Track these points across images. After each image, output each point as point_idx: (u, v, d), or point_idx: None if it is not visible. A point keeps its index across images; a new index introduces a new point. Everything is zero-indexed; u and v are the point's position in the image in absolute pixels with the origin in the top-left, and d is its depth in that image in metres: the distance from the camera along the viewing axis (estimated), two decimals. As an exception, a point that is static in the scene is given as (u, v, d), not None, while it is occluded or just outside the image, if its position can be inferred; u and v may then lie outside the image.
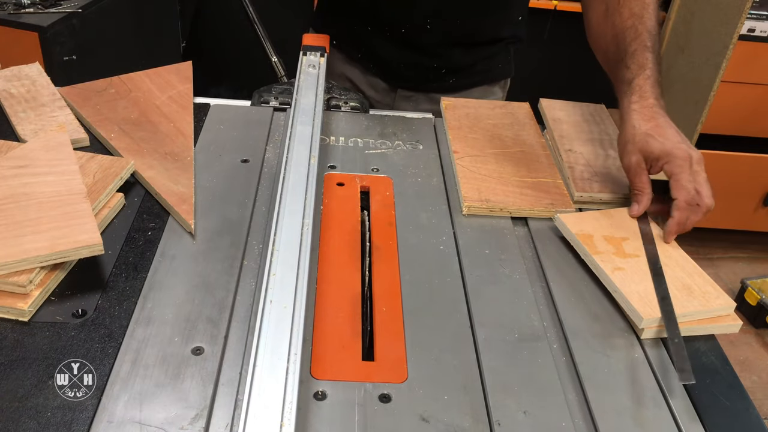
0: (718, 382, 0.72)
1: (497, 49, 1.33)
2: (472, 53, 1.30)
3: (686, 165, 0.87)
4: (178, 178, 0.92)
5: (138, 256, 0.80)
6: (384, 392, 0.66)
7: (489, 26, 1.28)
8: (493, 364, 0.71)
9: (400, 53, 1.29)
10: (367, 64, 1.34)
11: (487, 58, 1.33)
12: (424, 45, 1.27)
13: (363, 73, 1.35)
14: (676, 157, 0.87)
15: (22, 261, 0.71)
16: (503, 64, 1.36)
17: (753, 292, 2.39)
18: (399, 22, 1.26)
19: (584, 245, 0.85)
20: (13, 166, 0.84)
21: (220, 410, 0.63)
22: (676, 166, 0.87)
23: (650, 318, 0.75)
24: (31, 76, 1.12)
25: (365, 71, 1.35)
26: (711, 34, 1.43)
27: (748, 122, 2.52)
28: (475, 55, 1.31)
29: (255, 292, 0.77)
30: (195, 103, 1.11)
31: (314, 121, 0.98)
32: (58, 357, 0.66)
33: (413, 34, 1.26)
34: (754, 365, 2.28)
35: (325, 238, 0.86)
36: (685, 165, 0.87)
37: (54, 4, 1.95)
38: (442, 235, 0.90)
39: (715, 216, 0.95)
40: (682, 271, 0.83)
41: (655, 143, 0.89)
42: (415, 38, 1.26)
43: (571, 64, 2.72)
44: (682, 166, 0.87)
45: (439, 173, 1.03)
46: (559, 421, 0.66)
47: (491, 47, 1.32)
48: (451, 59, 1.29)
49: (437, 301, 0.79)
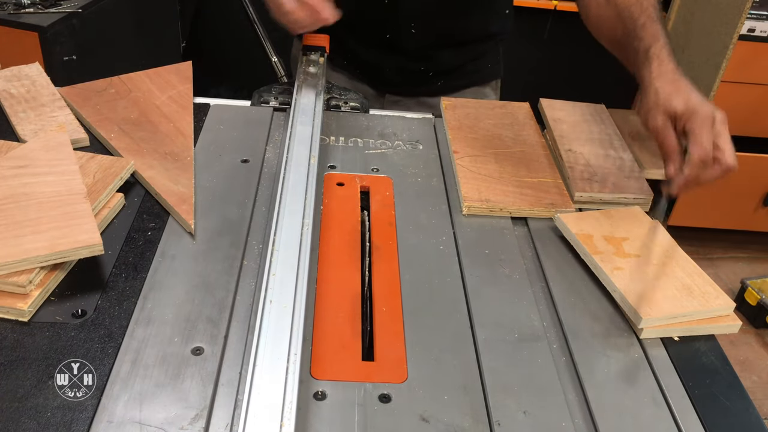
0: (718, 382, 0.72)
1: (486, 47, 1.32)
2: (461, 53, 1.29)
3: (707, 123, 0.84)
4: (178, 178, 0.92)
5: (138, 256, 0.80)
6: (384, 392, 0.66)
7: (476, 23, 1.26)
8: (493, 364, 0.71)
9: (385, 58, 1.28)
10: (353, 70, 1.33)
11: (476, 58, 1.32)
12: (410, 48, 1.25)
13: (350, 80, 1.34)
14: (698, 114, 0.84)
15: (22, 261, 0.71)
16: (492, 63, 1.35)
17: (753, 292, 2.39)
18: (383, 27, 1.25)
19: (584, 245, 0.85)
20: (13, 166, 0.84)
21: (219, 410, 0.63)
22: (696, 123, 0.84)
23: (649, 318, 0.75)
24: (31, 76, 1.12)
25: (351, 77, 1.34)
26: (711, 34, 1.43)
27: (748, 122, 2.52)
28: (463, 55, 1.29)
29: (255, 292, 0.77)
30: (195, 103, 1.11)
31: (314, 121, 0.98)
32: (58, 357, 0.66)
33: (398, 38, 1.25)
34: (754, 365, 2.28)
35: (325, 238, 0.86)
36: (707, 123, 0.84)
37: (54, 4, 1.95)
38: (442, 235, 0.90)
39: (715, 216, 0.95)
40: (682, 271, 0.83)
41: (679, 101, 0.86)
42: (400, 42, 1.25)
43: (571, 64, 2.72)
44: (703, 124, 0.84)
45: (439, 173, 1.03)
46: (559, 421, 0.66)
47: (480, 45, 1.31)
48: (439, 61, 1.28)
49: (437, 301, 0.79)
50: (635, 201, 0.97)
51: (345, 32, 1.28)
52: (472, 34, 1.28)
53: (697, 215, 2.63)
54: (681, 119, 0.86)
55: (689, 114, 0.85)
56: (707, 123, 0.84)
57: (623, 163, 1.03)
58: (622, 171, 1.01)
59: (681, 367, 0.74)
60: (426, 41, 1.25)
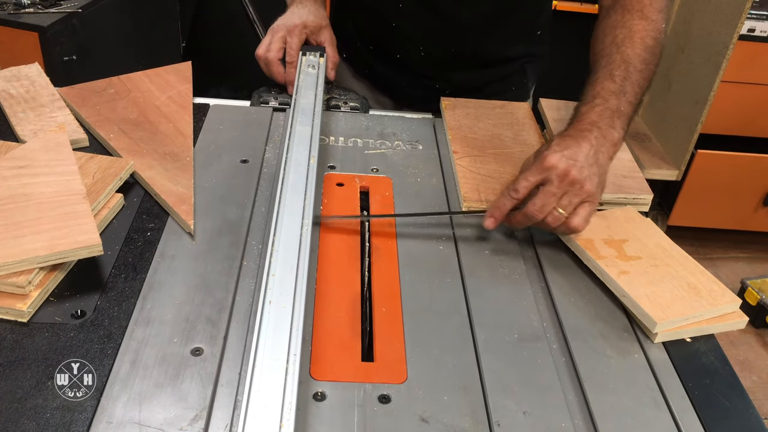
0: (718, 382, 0.72)
1: (509, 70, 1.27)
2: (478, 75, 1.25)
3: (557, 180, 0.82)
4: (177, 178, 0.92)
5: (137, 257, 0.80)
6: (383, 393, 0.66)
7: (490, 46, 1.22)
8: (493, 364, 0.71)
9: (401, 75, 1.27)
10: (375, 80, 1.32)
11: (497, 79, 1.27)
12: (420, 68, 1.24)
13: (371, 90, 1.32)
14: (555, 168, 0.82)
15: (22, 261, 0.71)
16: (518, 86, 1.29)
17: (753, 292, 2.39)
18: (394, 47, 1.24)
19: (587, 251, 0.85)
20: (12, 166, 0.84)
21: (219, 411, 0.63)
22: (552, 185, 0.83)
23: (664, 322, 0.75)
24: (31, 77, 1.12)
25: (373, 88, 1.33)
26: (711, 34, 1.43)
27: (748, 122, 2.52)
28: (481, 77, 1.26)
29: (254, 292, 0.77)
30: (194, 104, 1.11)
31: (314, 122, 0.98)
32: (57, 358, 0.66)
33: (409, 59, 1.24)
34: (754, 365, 2.28)
35: (325, 238, 0.86)
36: (556, 180, 0.82)
37: (54, 4, 1.95)
38: (442, 235, 0.89)
39: (715, 216, 0.95)
40: (685, 270, 0.83)
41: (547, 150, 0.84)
42: (412, 63, 1.24)
43: (571, 64, 2.72)
44: (553, 180, 0.83)
45: (439, 173, 1.03)
46: (559, 421, 0.65)
47: (501, 68, 1.26)
48: (454, 81, 1.25)
49: (437, 302, 0.79)
50: (635, 201, 0.97)
51: (363, 45, 1.27)
52: (485, 57, 1.24)
53: (697, 215, 2.63)
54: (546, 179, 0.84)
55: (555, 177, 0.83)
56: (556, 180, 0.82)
57: (623, 163, 1.03)
58: (622, 171, 1.01)
59: (681, 367, 0.73)
60: (436, 62, 1.23)
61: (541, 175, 0.83)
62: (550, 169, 0.83)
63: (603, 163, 0.86)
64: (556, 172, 0.82)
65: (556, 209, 0.83)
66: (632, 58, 0.93)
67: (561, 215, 0.83)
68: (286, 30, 1.16)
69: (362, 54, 1.30)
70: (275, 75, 1.16)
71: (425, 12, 1.17)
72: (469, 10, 1.16)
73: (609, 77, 0.92)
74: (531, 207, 0.83)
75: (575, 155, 0.83)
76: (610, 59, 0.94)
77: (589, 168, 0.83)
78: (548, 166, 0.83)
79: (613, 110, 0.89)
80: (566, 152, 0.83)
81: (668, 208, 2.63)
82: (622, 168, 1.02)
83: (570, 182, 0.82)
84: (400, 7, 1.18)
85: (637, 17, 0.97)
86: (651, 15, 0.98)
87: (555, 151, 0.84)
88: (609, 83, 0.91)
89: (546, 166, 0.83)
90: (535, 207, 0.83)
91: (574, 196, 0.83)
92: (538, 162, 0.84)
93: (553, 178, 0.83)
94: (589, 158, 0.84)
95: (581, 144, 0.85)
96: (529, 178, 0.84)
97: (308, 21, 1.18)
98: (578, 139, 0.85)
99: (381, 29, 1.23)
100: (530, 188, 0.84)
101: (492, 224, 0.86)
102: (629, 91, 0.91)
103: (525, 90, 1.33)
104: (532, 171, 0.84)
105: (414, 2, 1.17)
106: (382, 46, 1.26)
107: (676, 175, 2.14)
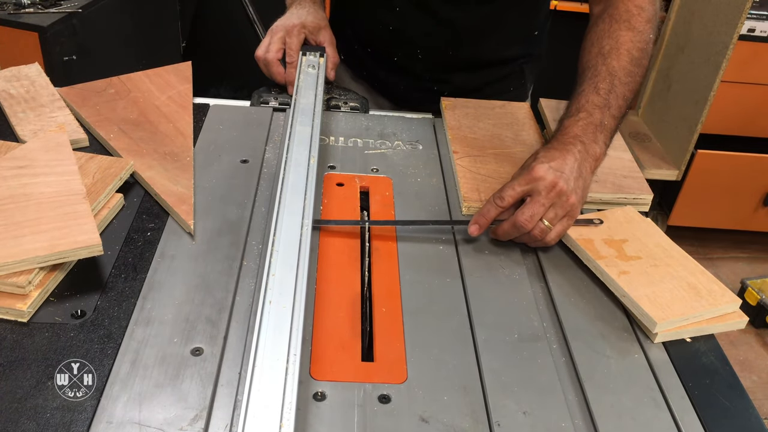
0: (718, 382, 0.72)
1: (507, 71, 1.27)
2: (476, 77, 1.25)
3: (545, 191, 0.83)
4: (177, 178, 0.92)
5: (137, 257, 0.80)
6: (383, 393, 0.66)
7: (487, 48, 1.22)
8: (493, 364, 0.71)
9: (400, 78, 1.27)
10: (373, 83, 1.33)
11: (496, 80, 1.27)
12: (418, 71, 1.24)
13: (369, 92, 1.33)
14: (543, 179, 0.83)
15: (22, 261, 0.71)
16: (516, 87, 1.30)
17: (753, 292, 2.39)
18: (392, 50, 1.24)
19: (587, 251, 0.85)
20: (12, 166, 0.84)
21: (219, 411, 0.63)
22: (539, 197, 0.83)
23: (664, 322, 0.75)
24: (31, 77, 1.12)
25: (371, 90, 1.33)
26: (711, 34, 1.43)
27: (748, 122, 2.52)
28: (479, 78, 1.26)
29: (254, 292, 0.77)
30: (194, 104, 1.11)
31: (314, 122, 0.98)
32: (57, 358, 0.66)
33: (406, 61, 1.24)
34: (754, 365, 2.28)
35: (325, 238, 0.86)
36: (544, 191, 0.83)
37: (54, 4, 1.95)
38: (441, 235, 0.89)
39: (715, 216, 0.95)
40: (685, 270, 0.83)
41: (534, 161, 0.85)
42: (408, 65, 1.24)
43: (571, 64, 2.72)
44: (540, 191, 0.83)
45: (439, 173, 1.03)
46: (559, 421, 0.65)
47: (498, 69, 1.27)
48: (452, 83, 1.25)
49: (437, 302, 0.79)
50: (635, 201, 0.97)
51: (361, 48, 1.28)
52: (483, 59, 1.24)
53: (697, 215, 2.63)
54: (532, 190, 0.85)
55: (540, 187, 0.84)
56: (549, 198, 0.83)
57: (623, 162, 1.03)
58: (622, 171, 1.01)
59: (681, 367, 0.73)
60: (434, 65, 1.23)
61: (529, 186, 0.84)
62: (538, 180, 0.83)
63: (586, 176, 0.87)
64: (544, 183, 0.83)
65: (542, 221, 0.83)
66: (618, 70, 0.94)
67: (547, 228, 0.84)
68: (285, 31, 1.16)
69: (360, 57, 1.30)
70: (275, 75, 1.16)
71: (422, 15, 1.18)
72: (466, 13, 1.16)
73: (594, 90, 0.92)
74: (520, 216, 0.83)
75: (561, 167, 0.84)
76: (596, 71, 0.94)
77: (575, 181, 0.84)
78: (536, 177, 0.84)
79: (597, 125, 0.90)
80: (553, 164, 0.84)
81: (668, 208, 2.63)
82: (622, 168, 1.02)
83: (557, 194, 0.83)
84: (397, 11, 1.19)
85: (624, 27, 0.97)
86: (638, 25, 0.98)
87: (542, 162, 0.84)
88: (594, 96, 0.92)
89: (534, 176, 0.84)
90: (524, 216, 0.83)
91: (560, 208, 0.84)
92: (526, 172, 0.85)
93: (541, 189, 0.83)
94: (574, 171, 0.85)
95: (566, 157, 0.85)
96: (515, 188, 0.85)
97: (307, 21, 1.18)
98: (563, 151, 0.86)
99: (378, 33, 1.24)
100: (516, 198, 0.85)
101: (476, 231, 0.86)
102: (613, 105, 0.92)
103: (523, 90, 1.33)
104: (519, 181, 0.85)
105: (411, 6, 1.17)
106: (380, 49, 1.26)
107: (676, 175, 2.14)
